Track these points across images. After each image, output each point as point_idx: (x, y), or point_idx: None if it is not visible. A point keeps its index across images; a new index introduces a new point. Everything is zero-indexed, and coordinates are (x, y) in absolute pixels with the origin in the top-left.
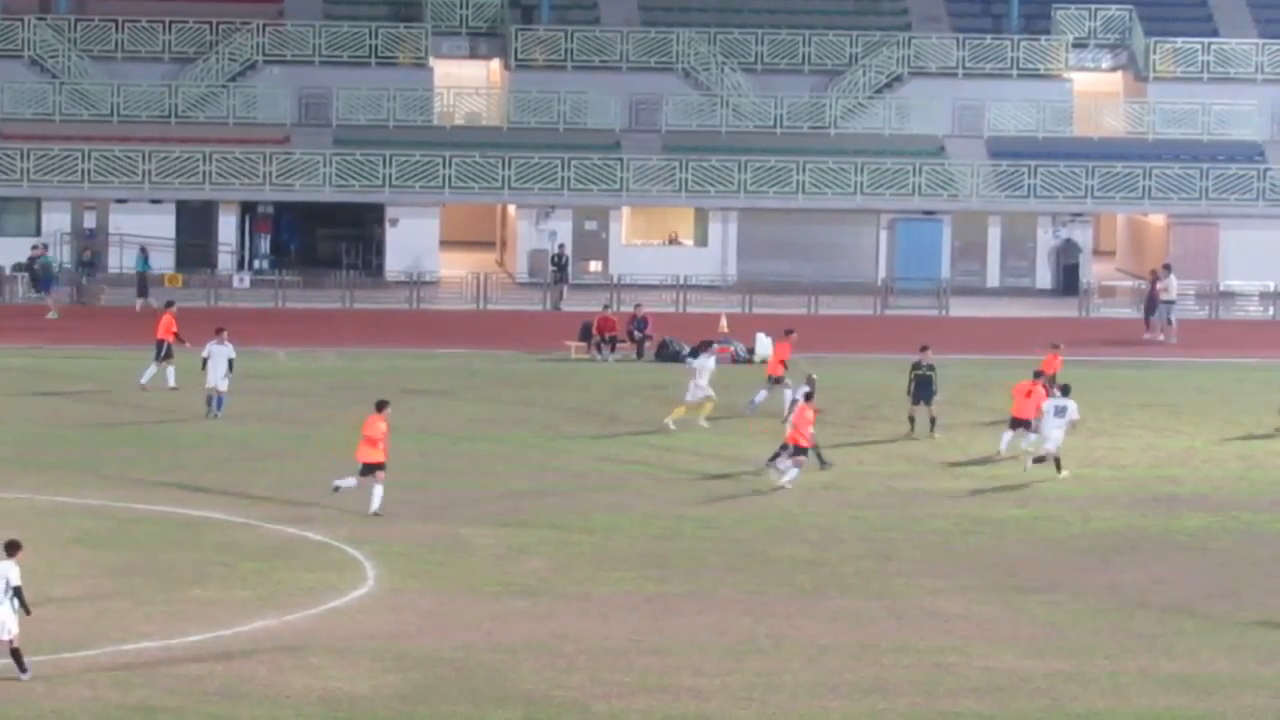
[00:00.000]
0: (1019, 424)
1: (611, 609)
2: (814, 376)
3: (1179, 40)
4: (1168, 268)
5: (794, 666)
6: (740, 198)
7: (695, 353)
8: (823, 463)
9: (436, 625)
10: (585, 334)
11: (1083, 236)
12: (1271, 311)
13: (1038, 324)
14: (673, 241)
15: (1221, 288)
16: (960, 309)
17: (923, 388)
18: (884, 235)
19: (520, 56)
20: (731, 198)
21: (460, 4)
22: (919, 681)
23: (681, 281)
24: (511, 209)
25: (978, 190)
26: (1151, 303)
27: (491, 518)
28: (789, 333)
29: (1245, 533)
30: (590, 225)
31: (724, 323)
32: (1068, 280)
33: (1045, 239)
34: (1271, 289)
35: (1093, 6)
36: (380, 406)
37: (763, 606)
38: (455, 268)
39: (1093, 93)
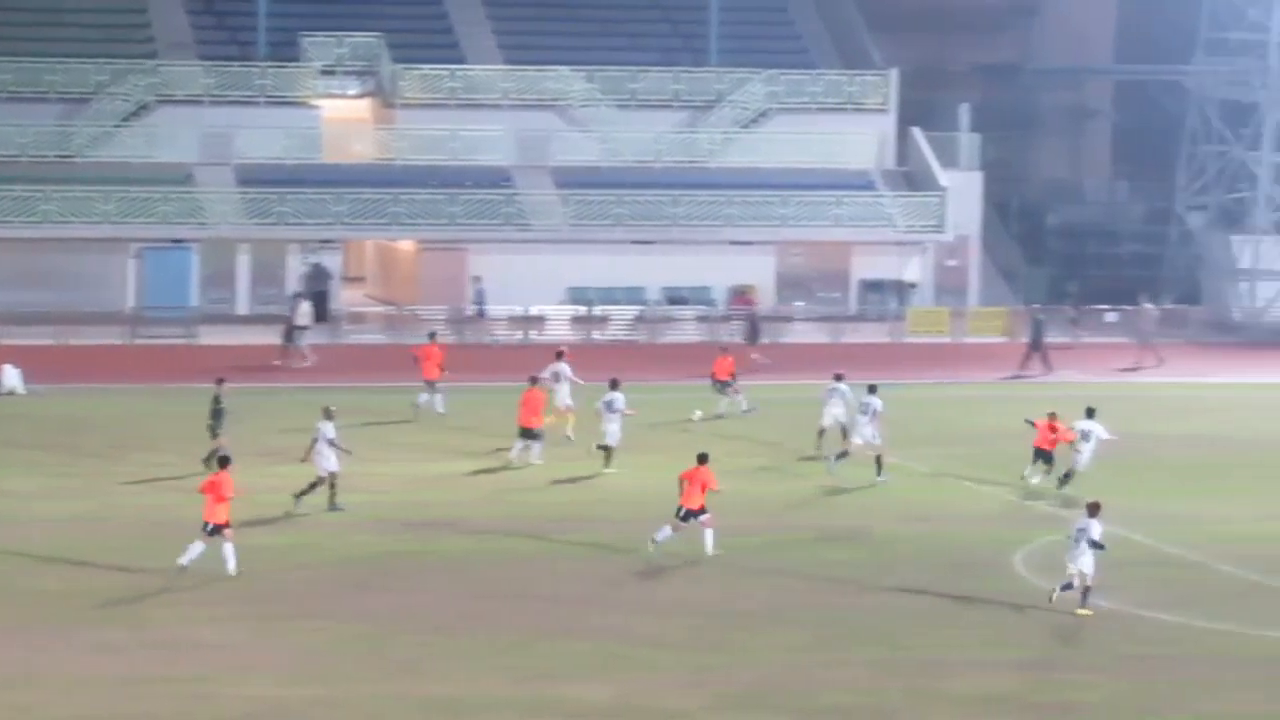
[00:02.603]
0: (528, 434)
1: None
2: (331, 408)
3: (427, 67)
4: (300, 295)
5: (51, 700)
6: None
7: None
8: (332, 505)
9: None
10: None
11: (333, 263)
12: (520, 335)
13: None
14: None
15: (470, 312)
16: (210, 336)
17: (217, 418)
18: (133, 264)
19: None
20: None
21: None
22: (178, 712)
23: None
24: None
25: (227, 218)
26: (290, 330)
27: None
28: (432, 336)
29: (498, 555)
30: None
31: None
32: (318, 307)
33: (295, 266)
34: (520, 313)
35: (340, 34)
36: (224, 463)
37: (19, 640)
38: None
39: (342, 119)
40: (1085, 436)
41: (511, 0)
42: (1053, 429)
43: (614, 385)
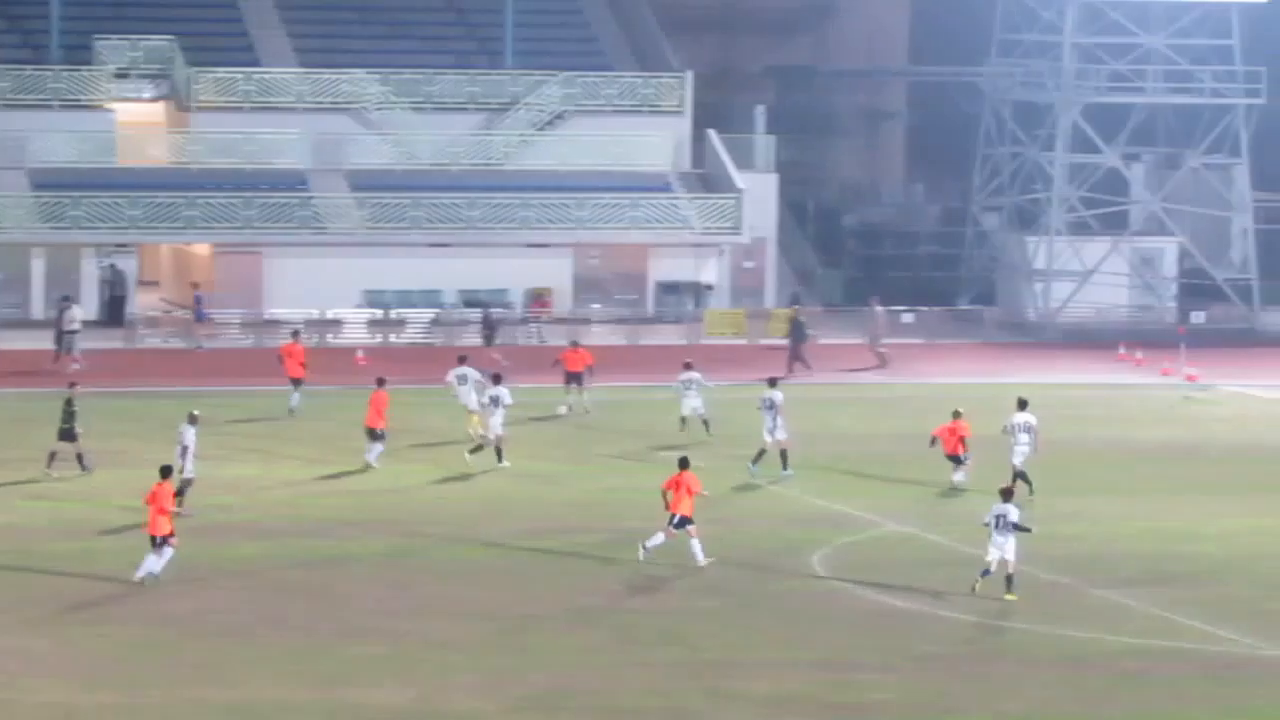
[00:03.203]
0: (375, 435)
1: None
2: (196, 413)
3: (221, 70)
4: (68, 298)
5: None
6: None
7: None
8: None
9: None
10: None
11: (128, 267)
12: (316, 338)
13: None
14: None
15: (267, 316)
16: (4, 341)
17: (69, 421)
18: None
19: None
20: None
21: None
22: None
23: None
24: None
25: (20, 222)
26: (59, 334)
27: None
28: (295, 334)
29: (294, 559)
30: None
31: None
32: (114, 311)
33: (90, 270)
34: (316, 316)
35: (134, 37)
36: (165, 473)
37: None
38: None
39: (136, 123)
40: (1026, 429)
41: (306, 3)
42: (954, 431)
43: (497, 380)
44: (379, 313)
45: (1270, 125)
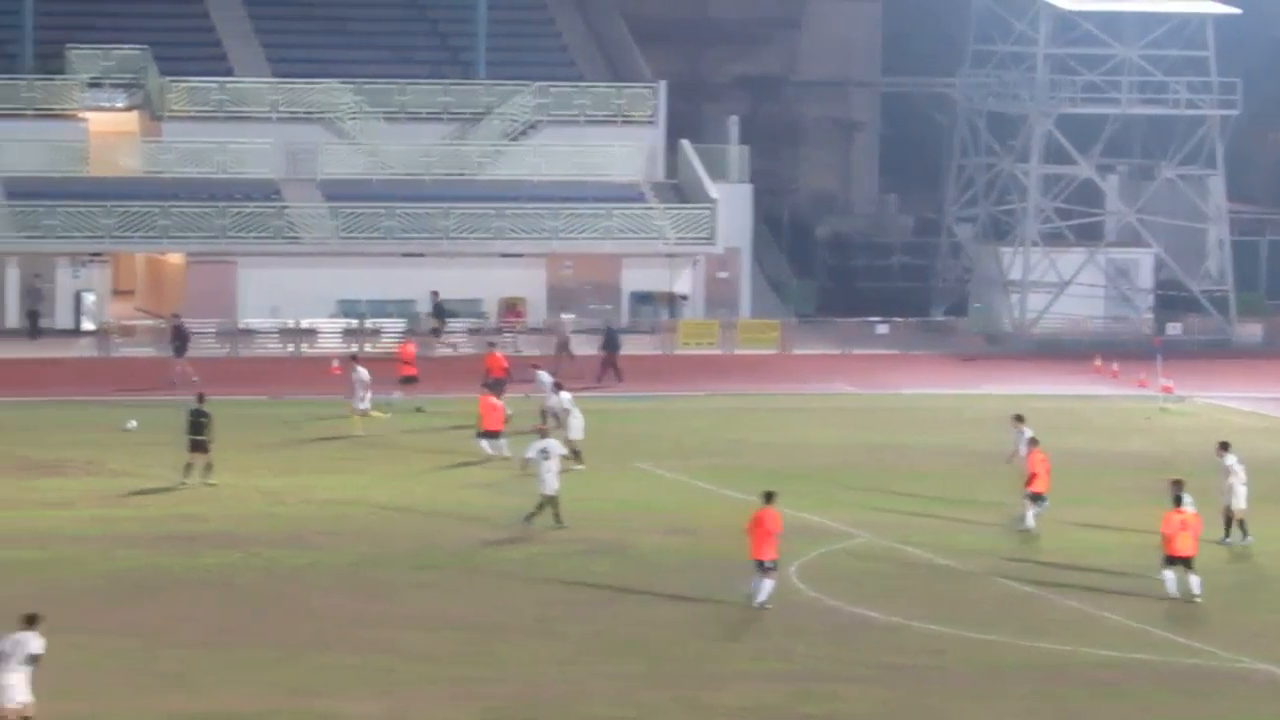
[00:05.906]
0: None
1: None
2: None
3: (194, 79)
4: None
5: None
6: None
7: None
8: None
9: None
10: None
11: (102, 277)
12: (291, 348)
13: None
14: None
15: (241, 325)
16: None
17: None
18: None
19: None
20: None
21: None
22: None
23: None
24: None
25: None
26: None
27: None
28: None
29: (265, 568)
30: None
31: None
32: (32, 324)
33: (66, 279)
34: (290, 326)
35: (106, 46)
36: (769, 498)
37: None
38: None
39: (108, 132)
40: (1239, 463)
41: (278, 13)
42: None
43: (559, 387)
44: (353, 322)
45: (1245, 136)
